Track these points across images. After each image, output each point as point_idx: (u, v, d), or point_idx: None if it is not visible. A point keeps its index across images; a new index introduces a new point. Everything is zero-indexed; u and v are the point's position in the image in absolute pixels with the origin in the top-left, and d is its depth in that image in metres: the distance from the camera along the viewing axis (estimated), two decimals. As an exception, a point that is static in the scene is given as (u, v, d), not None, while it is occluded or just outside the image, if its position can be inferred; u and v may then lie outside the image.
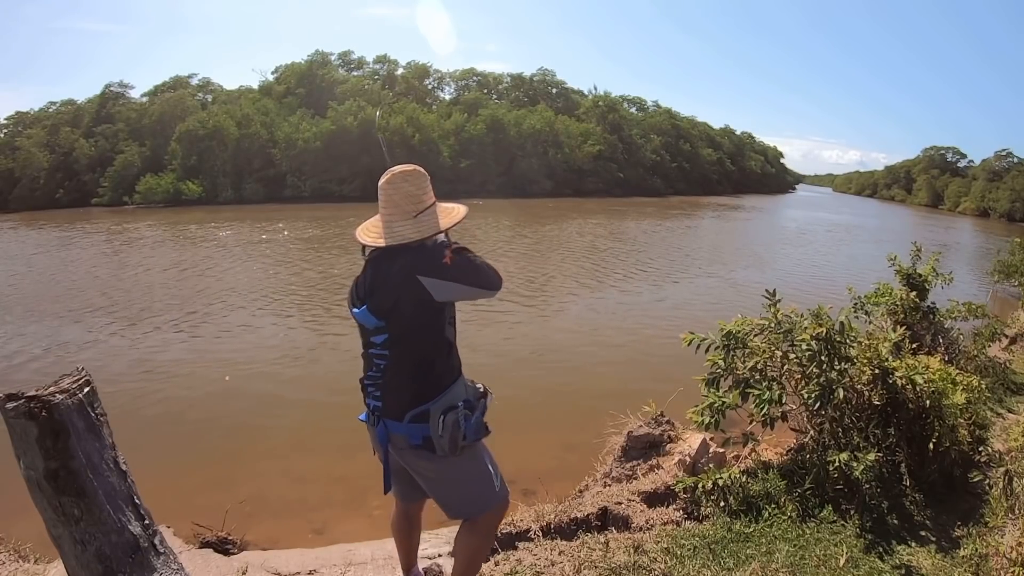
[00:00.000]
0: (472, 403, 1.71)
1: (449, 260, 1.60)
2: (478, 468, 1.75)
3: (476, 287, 1.65)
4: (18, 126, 39.20)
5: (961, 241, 29.81)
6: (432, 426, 1.62)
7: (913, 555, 2.58)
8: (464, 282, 1.62)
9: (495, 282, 1.68)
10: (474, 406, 1.72)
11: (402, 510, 2.03)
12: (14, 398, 1.33)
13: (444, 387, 1.66)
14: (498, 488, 1.78)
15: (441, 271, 1.59)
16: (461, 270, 1.62)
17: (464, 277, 1.62)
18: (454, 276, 1.60)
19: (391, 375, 1.67)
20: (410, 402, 1.64)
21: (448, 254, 1.61)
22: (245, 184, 34.54)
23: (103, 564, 1.42)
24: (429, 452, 1.64)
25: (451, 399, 1.66)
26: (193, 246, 17.18)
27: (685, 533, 2.67)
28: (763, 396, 2.92)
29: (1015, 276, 10.89)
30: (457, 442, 1.63)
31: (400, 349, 1.65)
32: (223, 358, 7.33)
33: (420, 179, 1.69)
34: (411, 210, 1.66)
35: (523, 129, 42.81)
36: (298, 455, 4.87)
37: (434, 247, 1.66)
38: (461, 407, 1.65)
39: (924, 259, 4.91)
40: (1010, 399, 4.72)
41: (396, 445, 1.71)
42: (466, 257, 1.64)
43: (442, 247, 1.64)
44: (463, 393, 1.71)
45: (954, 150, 72.94)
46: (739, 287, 12.54)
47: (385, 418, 1.69)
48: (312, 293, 11.11)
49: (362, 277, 1.74)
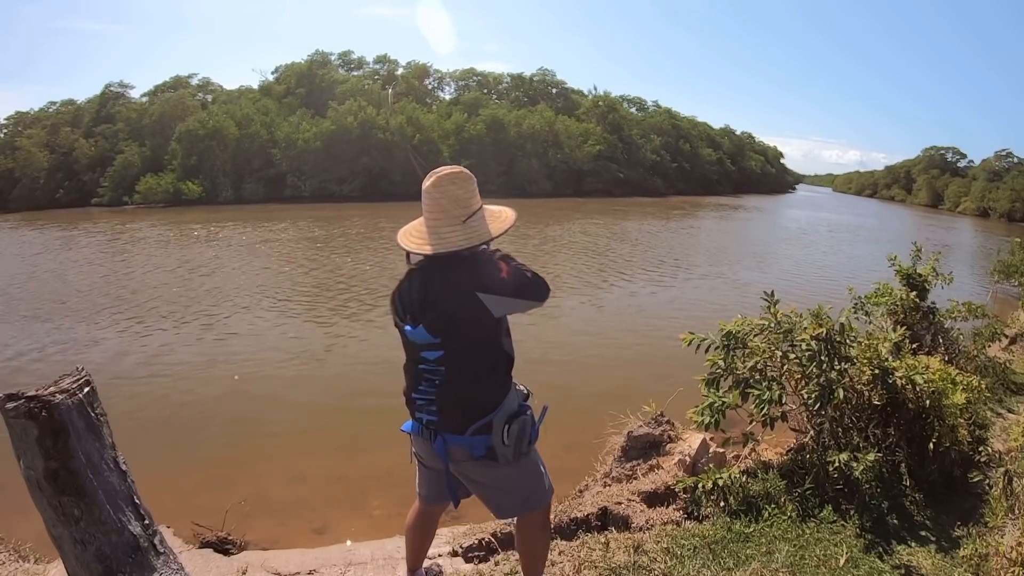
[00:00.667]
0: (526, 407, 1.71)
1: (507, 274, 1.55)
2: (534, 469, 1.76)
3: (531, 300, 1.61)
4: (18, 126, 39.15)
5: (961, 241, 29.80)
6: (495, 437, 1.60)
7: (913, 555, 2.58)
8: (522, 296, 1.58)
9: (545, 292, 1.63)
10: (528, 410, 1.71)
11: (424, 511, 2.01)
12: (14, 398, 1.33)
13: (501, 398, 1.64)
14: (547, 485, 1.81)
15: (501, 287, 1.55)
16: (519, 284, 1.57)
17: (522, 291, 1.58)
18: (513, 291, 1.56)
19: (449, 391, 1.63)
20: (472, 416, 1.62)
21: (504, 268, 1.56)
22: (245, 184, 34.52)
23: (103, 564, 1.42)
24: (492, 461, 1.63)
25: (510, 407, 1.64)
26: (197, 246, 17.19)
27: (685, 533, 2.67)
28: (763, 396, 2.92)
29: (1015, 276, 10.87)
30: (522, 449, 1.63)
31: (459, 366, 1.61)
32: (224, 358, 7.33)
33: (468, 182, 1.61)
34: (459, 215, 1.57)
35: (523, 129, 42.79)
36: (298, 455, 4.87)
37: (488, 261, 1.60)
38: (528, 415, 1.65)
39: (924, 259, 4.91)
40: (1010, 399, 4.72)
41: (456, 458, 1.68)
42: (519, 269, 1.59)
43: (494, 259, 1.59)
44: (517, 397, 1.70)
45: (954, 150, 73.04)
46: (739, 287, 12.54)
47: (443, 432, 1.65)
48: (316, 294, 11.11)
49: (407, 288, 1.66)
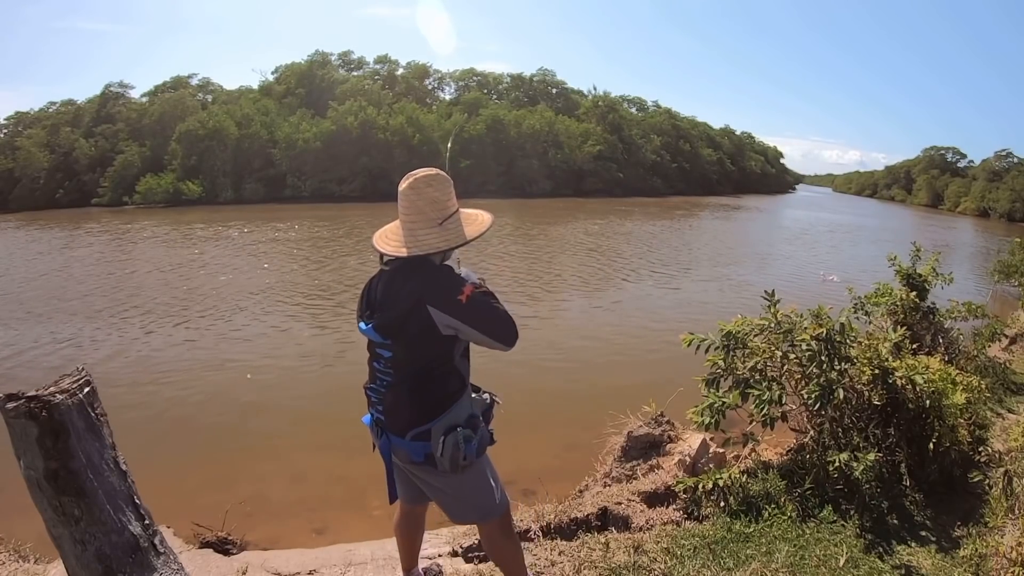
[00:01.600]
0: (476, 419, 1.67)
1: (465, 298, 1.51)
2: (479, 482, 1.73)
3: (486, 335, 1.56)
4: (18, 126, 39.21)
5: (961, 241, 29.79)
6: (433, 445, 1.59)
7: (913, 555, 2.58)
8: (475, 327, 1.54)
9: (509, 336, 1.56)
10: (478, 424, 1.67)
11: (406, 511, 2.02)
12: (14, 398, 1.33)
13: (447, 407, 1.62)
14: (498, 500, 1.77)
15: (453, 307, 1.51)
16: (475, 313, 1.53)
17: (476, 321, 1.53)
18: (465, 317, 1.52)
19: (394, 393, 1.64)
20: (412, 421, 1.61)
21: (466, 291, 1.51)
22: (245, 184, 34.54)
23: (103, 564, 1.42)
24: (431, 468, 1.63)
25: (453, 419, 1.61)
26: (197, 246, 17.18)
27: (685, 533, 2.67)
28: (763, 396, 2.93)
29: (1015, 276, 10.89)
30: (458, 462, 1.60)
31: (404, 371, 1.61)
32: (224, 358, 7.33)
33: (445, 184, 1.61)
34: (436, 217, 1.57)
35: (523, 129, 42.81)
36: (298, 455, 4.87)
37: (452, 279, 1.57)
38: (460, 430, 1.60)
39: (924, 259, 4.91)
40: (1010, 399, 4.72)
41: (399, 458, 1.71)
42: (485, 301, 1.55)
43: (462, 282, 1.55)
44: (468, 409, 1.66)
45: (954, 150, 73.01)
46: (739, 287, 12.54)
47: (388, 431, 1.67)
48: (317, 294, 11.11)
49: (375, 284, 1.69)
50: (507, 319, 1.57)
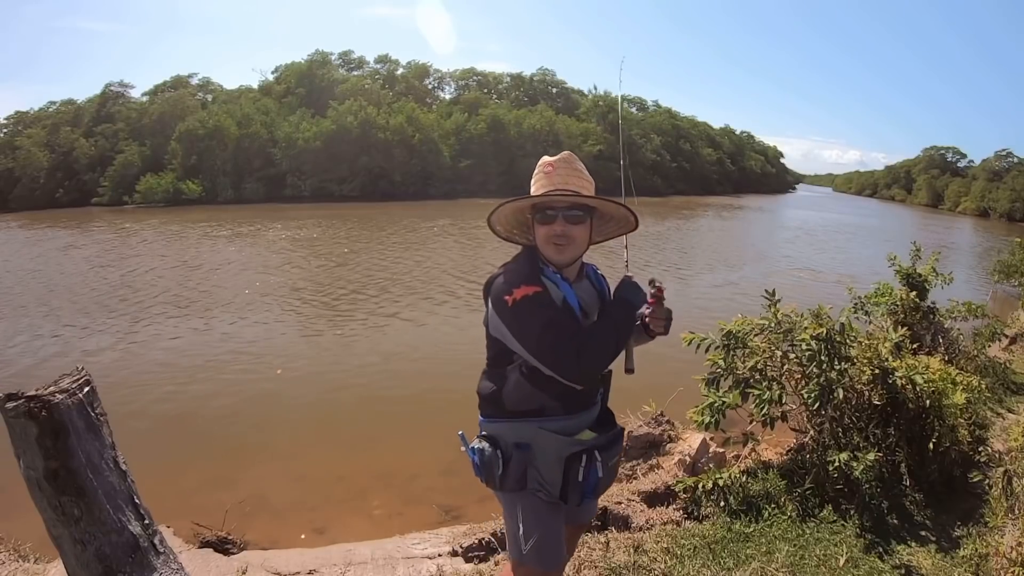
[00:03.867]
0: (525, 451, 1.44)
1: (511, 301, 1.32)
2: (508, 517, 1.53)
3: (531, 354, 1.34)
4: (18, 126, 39.18)
5: (961, 241, 29.79)
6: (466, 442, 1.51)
7: (913, 555, 2.58)
8: (516, 337, 1.34)
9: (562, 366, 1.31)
10: (524, 458, 1.44)
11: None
12: (14, 397, 1.33)
13: (497, 414, 1.47)
14: (524, 551, 1.48)
15: (499, 307, 1.36)
16: (517, 323, 1.34)
17: (518, 333, 1.33)
18: (508, 322, 1.35)
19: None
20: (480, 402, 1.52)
21: (518, 292, 1.32)
22: (245, 184, 34.55)
23: (103, 564, 1.42)
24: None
25: (497, 431, 1.47)
26: (198, 245, 17.17)
27: (685, 533, 2.67)
28: (763, 396, 2.93)
29: (1015, 276, 10.87)
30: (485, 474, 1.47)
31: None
32: (224, 358, 7.32)
33: (536, 168, 1.52)
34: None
35: (523, 129, 42.80)
36: (298, 455, 4.87)
37: (512, 273, 1.40)
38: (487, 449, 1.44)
39: (924, 259, 4.91)
40: (1010, 399, 4.72)
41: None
42: (540, 314, 1.32)
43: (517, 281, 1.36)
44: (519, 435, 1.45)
45: (954, 150, 73.13)
46: (739, 286, 12.53)
47: None
48: (318, 294, 11.10)
49: None
50: (557, 344, 1.30)
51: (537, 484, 1.44)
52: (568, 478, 1.42)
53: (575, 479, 1.42)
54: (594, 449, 1.45)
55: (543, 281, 1.39)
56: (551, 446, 1.42)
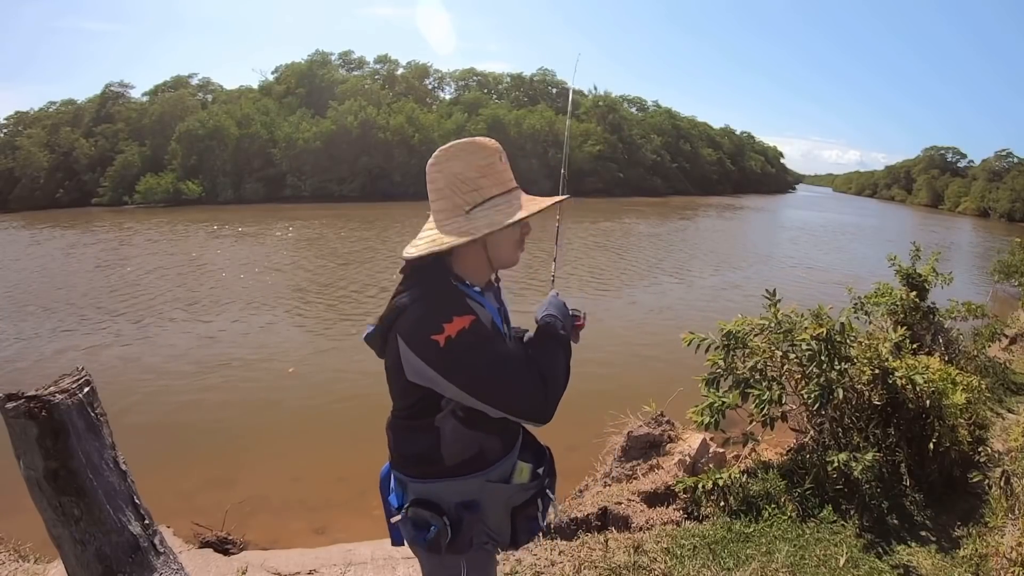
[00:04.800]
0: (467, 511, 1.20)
1: (443, 340, 1.04)
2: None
3: (479, 400, 1.09)
4: (18, 126, 39.20)
5: (961, 241, 29.80)
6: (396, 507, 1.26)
7: (913, 555, 2.58)
8: (457, 384, 1.07)
9: (521, 407, 1.12)
10: (461, 516, 1.20)
11: None
12: (14, 398, 1.33)
13: (428, 474, 1.20)
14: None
15: (423, 350, 1.06)
16: (458, 366, 1.06)
17: (460, 378, 1.07)
18: (441, 367, 1.06)
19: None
20: (394, 460, 1.27)
21: (450, 328, 1.04)
22: (245, 184, 34.56)
23: (103, 564, 1.42)
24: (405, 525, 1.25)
25: (434, 493, 1.20)
26: (198, 245, 17.16)
27: (685, 533, 2.67)
28: (763, 396, 2.93)
29: (1015, 276, 10.88)
30: (419, 541, 1.22)
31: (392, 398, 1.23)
32: (225, 358, 7.32)
33: (478, 154, 1.18)
34: (463, 203, 1.16)
35: (523, 129, 42.80)
36: (298, 455, 4.87)
37: (436, 307, 1.08)
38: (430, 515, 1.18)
39: (924, 259, 4.91)
40: (1010, 399, 4.72)
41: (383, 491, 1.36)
42: (480, 349, 1.07)
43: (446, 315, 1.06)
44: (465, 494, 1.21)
45: (954, 150, 73.09)
46: (739, 286, 12.53)
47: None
48: (318, 294, 11.11)
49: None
50: (518, 382, 1.10)
51: (485, 538, 1.24)
52: (517, 526, 1.27)
53: (528, 524, 1.29)
54: (545, 490, 1.32)
55: (469, 305, 1.13)
56: (500, 498, 1.24)
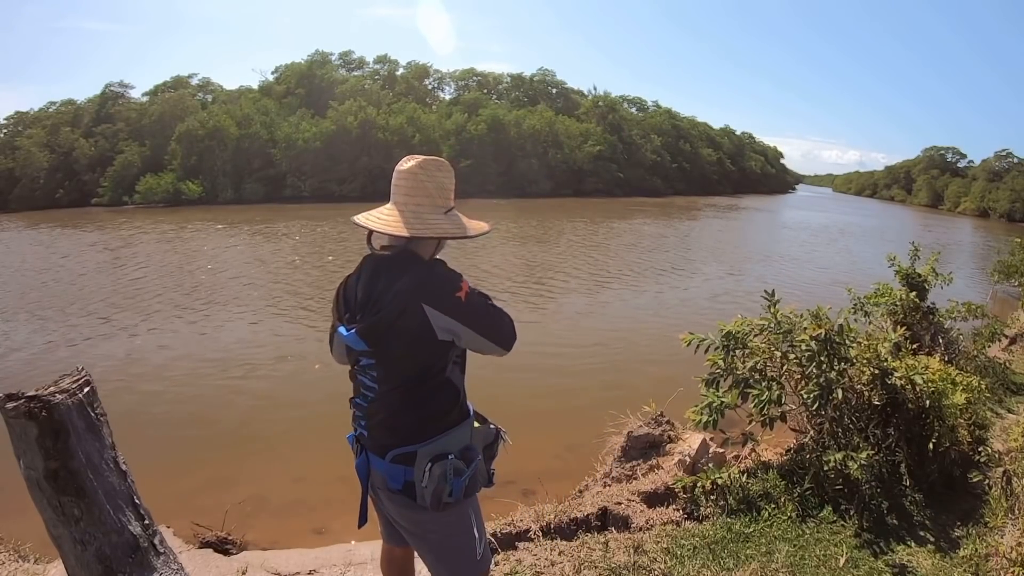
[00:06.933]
0: (472, 452, 1.45)
1: (464, 296, 1.36)
2: (460, 529, 1.49)
3: (486, 338, 1.40)
4: (18, 126, 39.14)
5: (961, 241, 29.80)
6: (416, 472, 1.38)
7: (913, 555, 2.58)
8: (475, 328, 1.38)
9: (508, 338, 1.44)
10: (473, 458, 1.45)
11: (387, 552, 1.77)
12: (14, 398, 1.33)
13: (440, 430, 1.41)
14: (479, 557, 1.53)
15: (451, 307, 1.35)
16: (474, 313, 1.38)
17: (476, 322, 1.38)
18: (465, 318, 1.36)
19: (378, 405, 1.43)
20: (396, 439, 1.41)
21: (464, 288, 1.37)
22: (245, 184, 34.52)
23: (103, 564, 1.42)
24: (409, 499, 1.41)
25: (445, 445, 1.40)
26: (199, 246, 17.16)
27: (685, 533, 2.67)
28: (763, 396, 2.93)
29: (1015, 276, 10.88)
30: (441, 497, 1.37)
31: (391, 381, 1.40)
32: (225, 358, 7.32)
33: (451, 174, 1.48)
34: (442, 205, 1.43)
35: (523, 129, 42.82)
36: (298, 455, 4.87)
37: (449, 274, 1.40)
38: (452, 458, 1.39)
39: (923, 259, 4.91)
40: (1010, 399, 4.72)
41: (375, 484, 1.49)
42: (484, 300, 1.41)
43: (458, 278, 1.39)
44: (465, 439, 1.46)
45: (954, 150, 73.01)
46: (739, 287, 12.54)
47: (369, 450, 1.47)
48: (317, 294, 11.11)
49: (354, 283, 1.46)
50: (507, 318, 1.44)
51: (480, 479, 1.49)
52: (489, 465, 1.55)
53: (492, 462, 1.57)
54: (499, 429, 1.59)
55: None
56: (480, 439, 1.52)
